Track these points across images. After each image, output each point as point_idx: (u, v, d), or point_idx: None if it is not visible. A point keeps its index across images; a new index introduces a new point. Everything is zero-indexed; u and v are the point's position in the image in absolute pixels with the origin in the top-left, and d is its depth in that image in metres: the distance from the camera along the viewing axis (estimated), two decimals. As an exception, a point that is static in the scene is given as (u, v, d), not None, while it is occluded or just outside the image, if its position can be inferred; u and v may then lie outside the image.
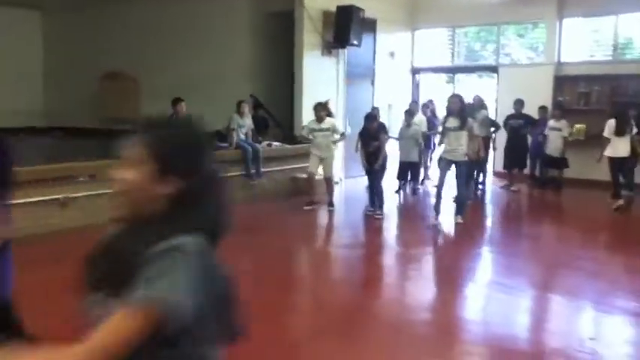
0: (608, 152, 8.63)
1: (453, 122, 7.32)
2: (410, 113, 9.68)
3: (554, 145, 10.03)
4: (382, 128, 8.61)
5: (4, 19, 13.89)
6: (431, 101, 11.42)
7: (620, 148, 8.52)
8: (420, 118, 9.97)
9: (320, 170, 8.62)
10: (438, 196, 7.53)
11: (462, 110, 7.35)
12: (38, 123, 14.10)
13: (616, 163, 8.61)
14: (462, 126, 7.27)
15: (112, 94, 13.32)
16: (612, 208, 8.54)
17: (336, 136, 8.64)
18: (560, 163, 10.13)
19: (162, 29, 12.46)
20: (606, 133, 8.63)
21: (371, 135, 8.09)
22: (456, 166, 7.38)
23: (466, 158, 7.43)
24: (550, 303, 5.11)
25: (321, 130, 8.50)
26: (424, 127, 9.87)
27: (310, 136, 8.57)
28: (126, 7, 12.80)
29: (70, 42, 13.99)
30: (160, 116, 1.50)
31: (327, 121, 8.55)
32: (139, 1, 12.61)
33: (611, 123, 8.62)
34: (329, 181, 8.62)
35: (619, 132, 8.50)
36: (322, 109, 8.61)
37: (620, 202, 8.59)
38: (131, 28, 12.88)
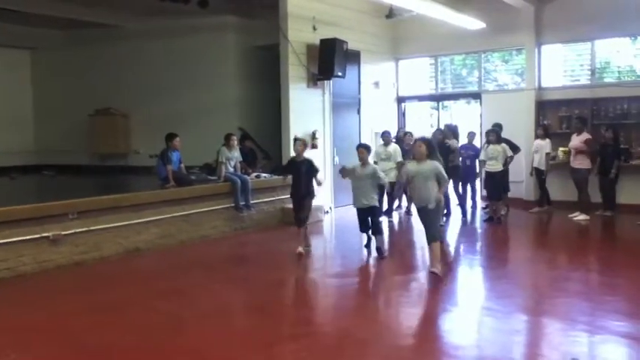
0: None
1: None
2: (386, 142, 10.09)
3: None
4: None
5: (-6, 59, 14.08)
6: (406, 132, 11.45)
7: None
8: (394, 147, 10.14)
9: None
10: None
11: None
12: (29, 161, 14.13)
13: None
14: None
15: (102, 131, 13.42)
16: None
17: None
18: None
19: (151, 64, 12.67)
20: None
21: None
22: None
23: None
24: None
25: None
26: (399, 157, 9.99)
27: None
28: (114, 43, 13.04)
29: (60, 80, 14.14)
30: None
31: None
32: (127, 38, 12.85)
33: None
34: None
35: None
36: None
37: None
38: (120, 65, 13.09)
